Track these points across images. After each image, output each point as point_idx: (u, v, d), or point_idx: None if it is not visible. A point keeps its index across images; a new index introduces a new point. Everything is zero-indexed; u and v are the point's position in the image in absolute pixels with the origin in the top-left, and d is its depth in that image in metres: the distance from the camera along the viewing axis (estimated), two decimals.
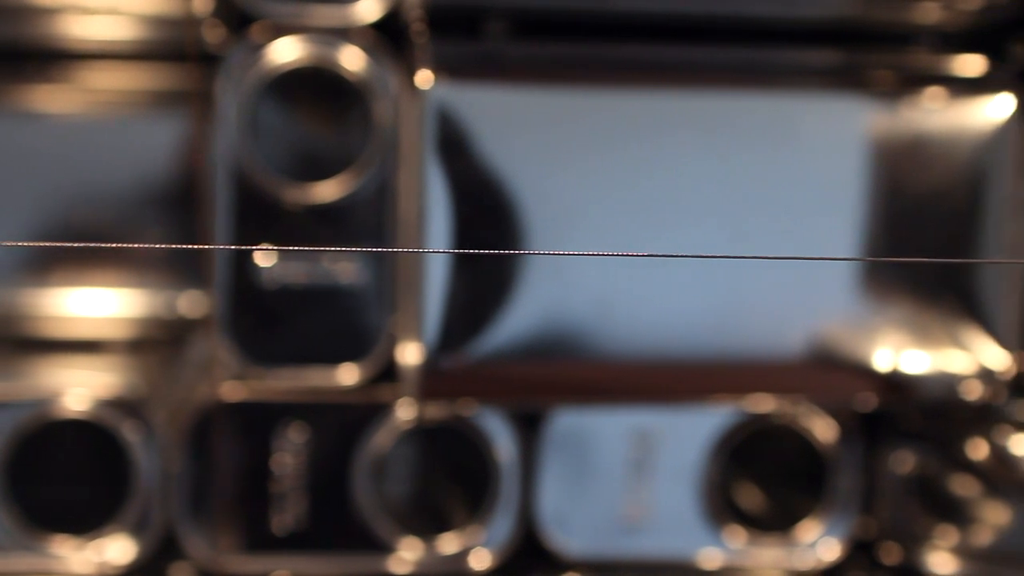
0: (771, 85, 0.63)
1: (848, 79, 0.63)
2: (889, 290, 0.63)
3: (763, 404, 0.66)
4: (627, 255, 0.61)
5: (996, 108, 0.62)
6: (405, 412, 0.64)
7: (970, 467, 0.64)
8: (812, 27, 0.64)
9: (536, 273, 0.60)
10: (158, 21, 0.69)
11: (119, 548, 0.65)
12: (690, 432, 0.66)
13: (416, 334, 0.60)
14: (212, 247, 0.63)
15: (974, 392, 0.63)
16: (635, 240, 0.61)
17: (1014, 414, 0.63)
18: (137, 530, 0.65)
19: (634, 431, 0.66)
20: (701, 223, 0.62)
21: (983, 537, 0.64)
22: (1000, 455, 0.62)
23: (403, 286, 0.63)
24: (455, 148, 0.59)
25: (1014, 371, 0.63)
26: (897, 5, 0.62)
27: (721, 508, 0.67)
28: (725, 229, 0.62)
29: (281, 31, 0.62)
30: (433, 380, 0.60)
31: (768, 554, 0.67)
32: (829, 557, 0.67)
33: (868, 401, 0.64)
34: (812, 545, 0.67)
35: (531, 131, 0.60)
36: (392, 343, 0.63)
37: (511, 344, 0.61)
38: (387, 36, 0.63)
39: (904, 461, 0.68)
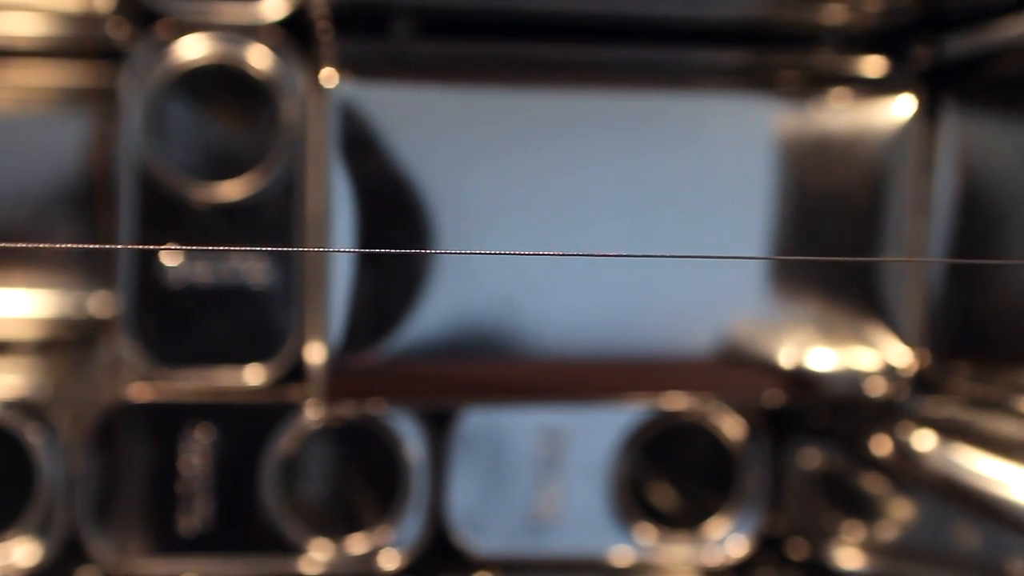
0: (680, 85, 0.63)
1: (755, 79, 0.64)
2: (796, 288, 0.64)
3: (673, 402, 0.66)
4: (542, 254, 0.61)
5: (898, 108, 0.63)
6: (313, 412, 0.64)
7: (875, 463, 0.65)
8: (721, 27, 0.65)
9: (444, 272, 0.60)
10: (64, 17, 0.68)
11: (23, 551, 0.64)
12: (600, 430, 0.67)
13: (322, 334, 0.60)
14: (134, 247, 0.63)
15: (878, 389, 0.64)
16: (544, 239, 0.62)
17: (916, 410, 0.64)
18: (42, 533, 0.64)
19: (544, 429, 0.66)
20: (611, 222, 0.62)
21: (889, 533, 0.64)
22: (903, 451, 0.63)
23: (310, 286, 0.62)
24: (361, 146, 0.59)
25: (916, 368, 0.64)
26: (804, 6, 0.63)
27: (631, 506, 0.67)
28: (635, 228, 0.62)
29: (186, 28, 0.62)
30: (339, 380, 0.60)
31: (678, 551, 0.68)
32: (737, 554, 0.68)
33: (776, 398, 0.65)
34: (720, 542, 0.68)
35: (439, 129, 0.60)
36: (300, 343, 0.63)
37: (419, 343, 0.60)
38: (294, 34, 0.63)
39: (811, 457, 0.69)
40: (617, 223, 0.62)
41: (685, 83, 0.63)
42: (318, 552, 0.65)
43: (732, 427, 0.68)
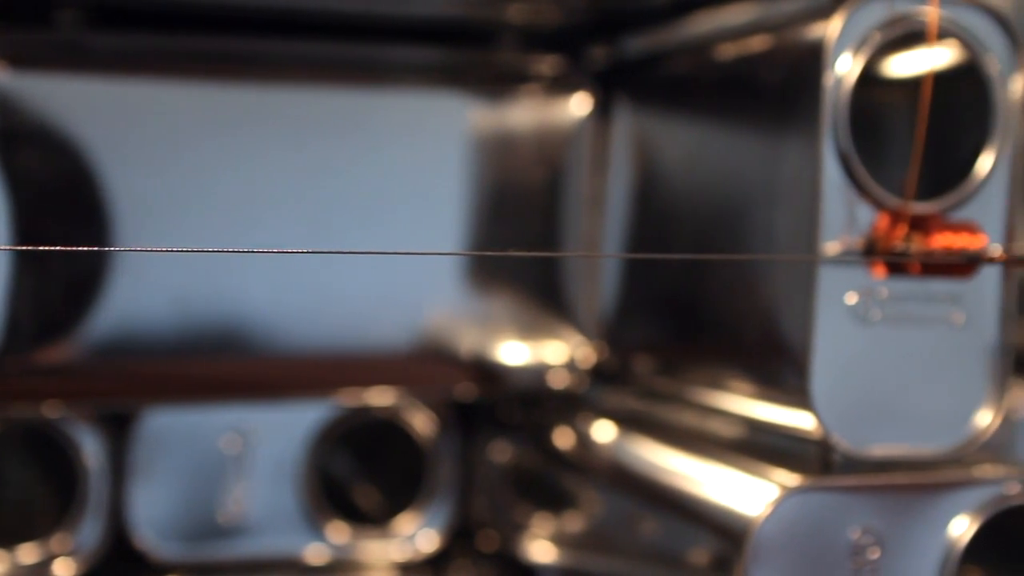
0: (371, 81, 0.63)
1: (443, 77, 0.64)
2: (484, 283, 0.65)
3: (364, 398, 0.66)
4: (288, 251, 0.60)
5: (575, 107, 0.64)
6: None
7: (559, 455, 0.66)
8: (410, 25, 0.65)
9: (119, 271, 0.59)
10: None
11: None
12: (290, 428, 0.66)
13: None
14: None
15: (560, 381, 0.65)
16: (225, 236, 0.60)
17: (596, 402, 0.65)
18: None
19: (231, 429, 0.65)
20: (299, 217, 0.61)
21: (577, 524, 0.65)
22: (583, 442, 0.64)
23: None
24: (21, 139, 0.56)
25: (594, 360, 0.65)
26: (487, 6, 0.64)
27: (324, 504, 0.67)
28: (323, 223, 0.62)
29: None
30: (5, 382, 0.58)
31: (372, 548, 0.67)
32: (428, 548, 0.68)
33: (467, 392, 0.65)
34: (411, 537, 0.68)
35: (111, 123, 0.58)
36: None
37: (93, 344, 0.59)
38: None
39: (502, 451, 0.69)
40: (305, 219, 0.61)
41: (376, 80, 0.63)
42: None
43: (423, 422, 0.68)
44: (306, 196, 0.61)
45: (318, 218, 0.62)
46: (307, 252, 0.58)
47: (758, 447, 0.56)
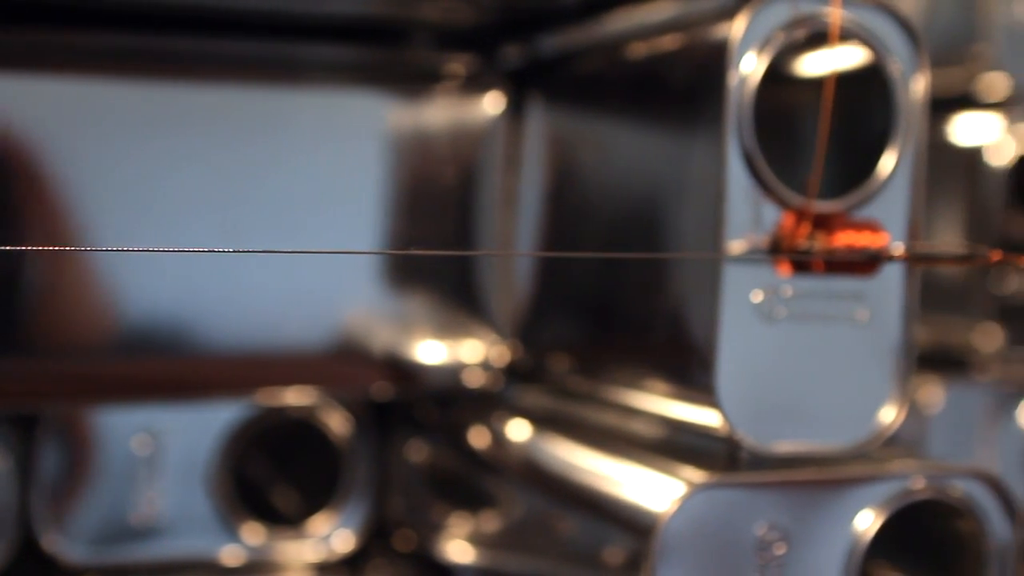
0: (281, 79, 0.63)
1: (359, 75, 0.64)
2: (400, 282, 0.65)
3: (279, 398, 0.66)
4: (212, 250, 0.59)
5: (488, 105, 0.64)
6: None
7: (475, 454, 0.66)
8: (326, 23, 0.65)
9: (22, 271, 0.58)
10: None
11: None
12: (203, 428, 0.65)
13: None
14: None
15: (475, 380, 0.65)
16: (135, 233, 0.60)
17: (511, 400, 0.66)
18: None
19: (143, 429, 0.64)
20: (209, 216, 0.61)
21: (494, 524, 0.66)
22: (499, 441, 0.64)
23: None
24: None
25: (508, 359, 0.65)
26: (403, 5, 0.63)
27: (238, 505, 0.66)
28: (235, 223, 0.61)
29: None
30: None
31: (287, 548, 0.67)
32: (344, 548, 0.68)
33: (383, 391, 0.65)
34: (327, 537, 0.68)
35: (13, 120, 0.57)
36: None
37: None
38: None
39: (418, 450, 0.69)
40: (219, 216, 0.61)
41: (289, 78, 0.63)
42: None
43: (339, 422, 0.68)
44: (220, 194, 0.61)
45: (232, 216, 0.61)
46: (224, 251, 0.58)
47: (670, 445, 0.56)
